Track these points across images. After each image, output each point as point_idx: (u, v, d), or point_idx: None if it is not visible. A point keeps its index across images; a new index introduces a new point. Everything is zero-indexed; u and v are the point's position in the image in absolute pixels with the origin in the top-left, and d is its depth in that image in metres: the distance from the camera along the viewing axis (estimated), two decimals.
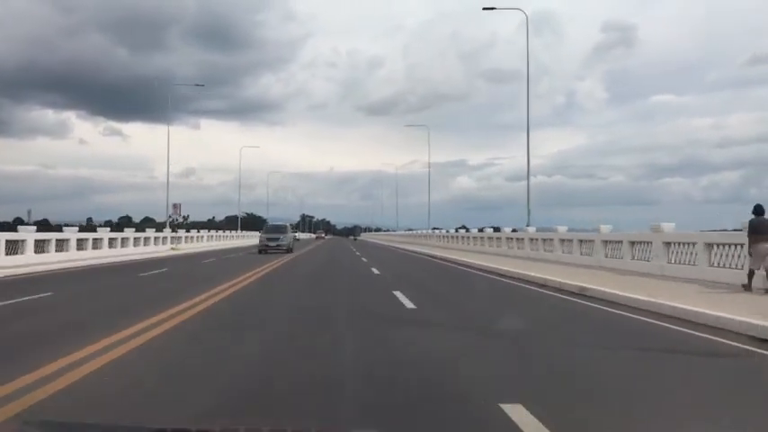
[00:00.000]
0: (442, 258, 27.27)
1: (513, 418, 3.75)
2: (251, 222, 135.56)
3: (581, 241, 20.97)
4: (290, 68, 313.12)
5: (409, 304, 10.40)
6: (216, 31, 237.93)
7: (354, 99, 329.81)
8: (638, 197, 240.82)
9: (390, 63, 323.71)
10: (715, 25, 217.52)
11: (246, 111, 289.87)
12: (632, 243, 17.34)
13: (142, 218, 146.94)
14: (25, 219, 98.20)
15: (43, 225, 64.20)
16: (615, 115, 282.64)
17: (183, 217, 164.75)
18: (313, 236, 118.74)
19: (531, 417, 3.76)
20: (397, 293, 11.88)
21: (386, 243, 66.00)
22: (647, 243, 16.31)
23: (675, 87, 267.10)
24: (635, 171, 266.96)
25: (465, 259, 24.52)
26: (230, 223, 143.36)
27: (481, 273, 19.09)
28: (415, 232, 70.28)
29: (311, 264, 23.78)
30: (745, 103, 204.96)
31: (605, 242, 19.13)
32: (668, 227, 15.77)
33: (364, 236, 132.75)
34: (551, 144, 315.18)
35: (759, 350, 6.39)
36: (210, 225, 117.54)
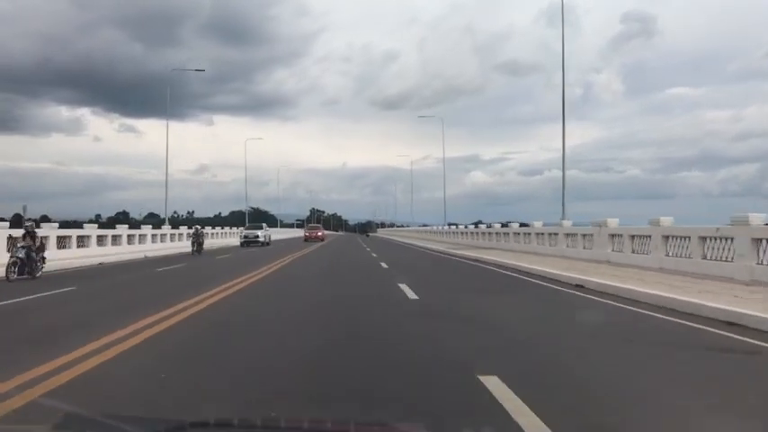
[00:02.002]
0: (475, 259, 22.36)
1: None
2: (258, 218, 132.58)
3: (632, 237, 17.31)
4: (304, 63, 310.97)
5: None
6: (229, 27, 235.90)
7: (368, 94, 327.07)
8: (654, 191, 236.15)
9: (404, 57, 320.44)
10: (734, 16, 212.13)
11: (260, 107, 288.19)
12: (702, 238, 13.64)
13: (146, 214, 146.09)
14: (22, 215, 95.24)
15: (43, 222, 60.59)
16: (631, 108, 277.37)
17: (189, 212, 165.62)
18: (302, 234, 65.55)
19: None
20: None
21: (404, 240, 53.78)
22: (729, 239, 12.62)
23: (693, 79, 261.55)
24: (651, 165, 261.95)
25: (507, 261, 19.79)
26: (236, 219, 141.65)
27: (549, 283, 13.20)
28: (430, 228, 67.87)
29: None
30: (764, 95, 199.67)
31: (666, 238, 15.28)
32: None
33: (380, 232, 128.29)
34: (568, 138, 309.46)
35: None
36: (216, 221, 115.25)
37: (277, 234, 71.30)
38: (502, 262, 19.23)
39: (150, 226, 34.30)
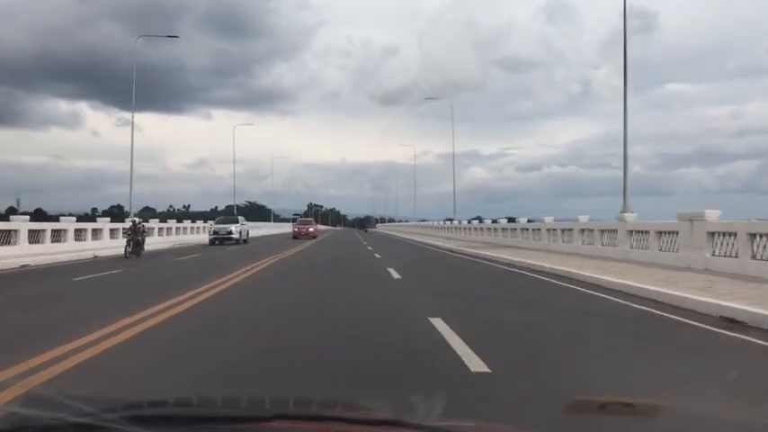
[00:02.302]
0: (494, 260, 18.39)
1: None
2: (254, 212, 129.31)
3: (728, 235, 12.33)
4: (303, 57, 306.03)
5: None
6: (228, 20, 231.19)
7: (367, 88, 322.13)
8: (653, 187, 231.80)
9: (404, 52, 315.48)
10: (735, 12, 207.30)
11: (258, 101, 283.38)
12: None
13: (142, 207, 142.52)
14: (16, 208, 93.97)
15: (37, 215, 60.97)
16: (631, 104, 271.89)
17: (184, 206, 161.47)
18: (289, 229, 57.20)
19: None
20: None
21: (408, 237, 48.51)
22: None
23: (693, 75, 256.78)
24: (650, 161, 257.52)
25: (531, 262, 15.95)
26: (231, 212, 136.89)
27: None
28: (431, 223, 65.56)
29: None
30: (764, 91, 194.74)
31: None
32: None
33: (379, 227, 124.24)
34: (566, 134, 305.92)
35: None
36: (212, 215, 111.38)
37: (266, 229, 65.29)
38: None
39: (108, 219, 28.79)
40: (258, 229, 61.61)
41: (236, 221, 34.29)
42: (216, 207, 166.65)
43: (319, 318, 7.65)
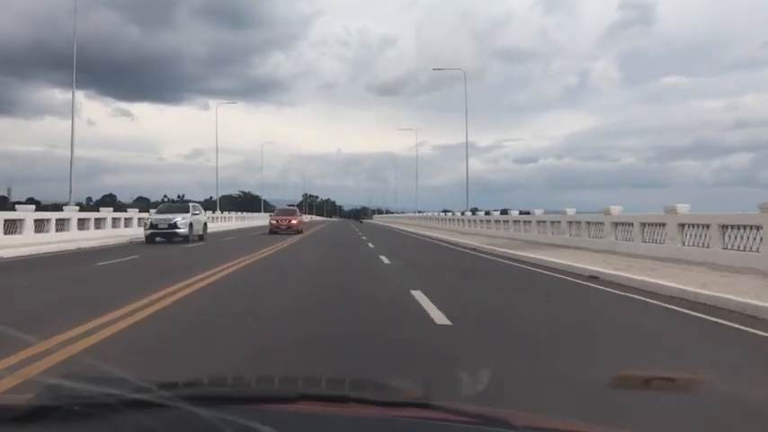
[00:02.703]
0: (533, 263, 14.69)
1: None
2: (248, 202, 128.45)
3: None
4: (300, 47, 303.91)
5: None
6: (225, 9, 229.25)
7: (364, 79, 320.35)
8: (649, 179, 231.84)
9: (402, 42, 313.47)
10: (734, 4, 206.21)
11: (255, 91, 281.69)
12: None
13: (136, 197, 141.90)
14: (7, 197, 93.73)
15: (30, 204, 61.34)
16: (628, 96, 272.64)
17: (179, 196, 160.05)
18: (266, 221, 41.96)
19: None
20: None
21: (411, 231, 42.85)
22: None
23: (691, 68, 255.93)
24: (646, 153, 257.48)
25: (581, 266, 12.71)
26: (225, 203, 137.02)
27: None
28: (424, 214, 64.69)
29: None
30: (761, 84, 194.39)
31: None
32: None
33: (376, 219, 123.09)
34: (562, 127, 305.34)
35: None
36: (205, 206, 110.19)
37: (255, 220, 60.97)
38: None
39: (77, 207, 26.25)
40: (244, 221, 57.64)
41: (186, 210, 25.47)
42: (211, 197, 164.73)
43: None
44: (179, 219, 24.24)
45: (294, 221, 34.38)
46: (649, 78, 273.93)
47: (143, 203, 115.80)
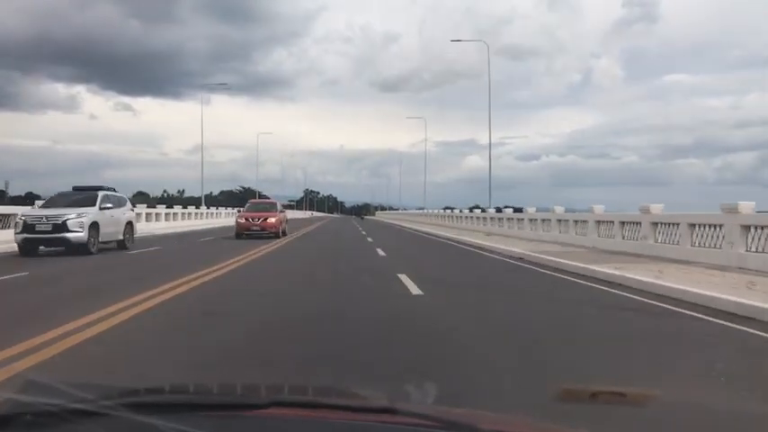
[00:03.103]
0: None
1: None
2: (248, 198, 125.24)
3: None
4: (303, 43, 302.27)
5: None
6: (229, 4, 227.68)
7: (367, 75, 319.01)
8: (651, 178, 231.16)
9: (405, 38, 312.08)
10: (738, 3, 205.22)
11: (258, 86, 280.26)
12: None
13: (136, 192, 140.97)
14: (5, 191, 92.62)
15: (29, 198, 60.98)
16: (631, 94, 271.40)
17: (179, 191, 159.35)
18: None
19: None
20: None
21: (411, 227, 42.11)
22: None
23: (694, 66, 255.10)
24: (649, 151, 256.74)
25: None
26: (225, 198, 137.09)
27: None
28: (426, 211, 63.59)
29: None
30: (765, 83, 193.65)
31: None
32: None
33: (378, 215, 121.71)
34: (565, 124, 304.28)
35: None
36: (205, 201, 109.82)
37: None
38: None
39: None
40: (231, 218, 51.64)
41: (90, 202, 16.98)
42: (211, 192, 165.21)
43: None
44: (72, 217, 15.73)
45: (272, 220, 24.76)
46: (652, 76, 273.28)
47: (143, 198, 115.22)
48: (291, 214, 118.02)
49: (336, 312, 7.37)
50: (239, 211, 28.52)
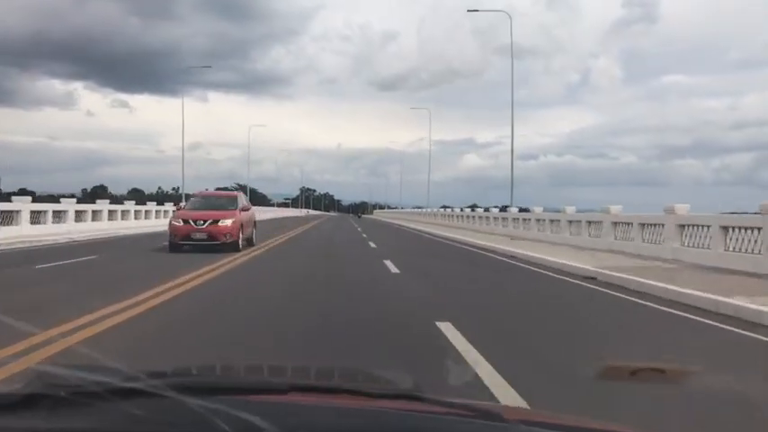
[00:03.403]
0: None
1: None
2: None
3: None
4: (301, 41, 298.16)
5: None
6: (228, 2, 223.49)
7: (365, 74, 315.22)
8: (649, 178, 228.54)
9: (403, 37, 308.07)
10: (737, 3, 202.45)
11: (255, 84, 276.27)
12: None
13: (131, 189, 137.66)
14: None
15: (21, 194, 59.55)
16: (629, 94, 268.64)
17: (173, 189, 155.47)
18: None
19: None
20: None
21: (415, 228, 39.35)
22: None
23: (692, 66, 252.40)
24: (647, 152, 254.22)
25: None
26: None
27: None
28: (424, 210, 63.46)
29: None
30: (762, 84, 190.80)
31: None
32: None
33: (376, 214, 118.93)
34: (563, 124, 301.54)
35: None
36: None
37: None
38: None
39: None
40: None
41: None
42: (206, 189, 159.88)
43: None
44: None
45: (226, 223, 16.62)
46: (651, 76, 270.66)
47: (137, 195, 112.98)
48: (286, 212, 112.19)
49: None
50: (178, 208, 20.12)
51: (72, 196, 33.81)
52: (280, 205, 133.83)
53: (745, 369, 4.97)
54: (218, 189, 28.32)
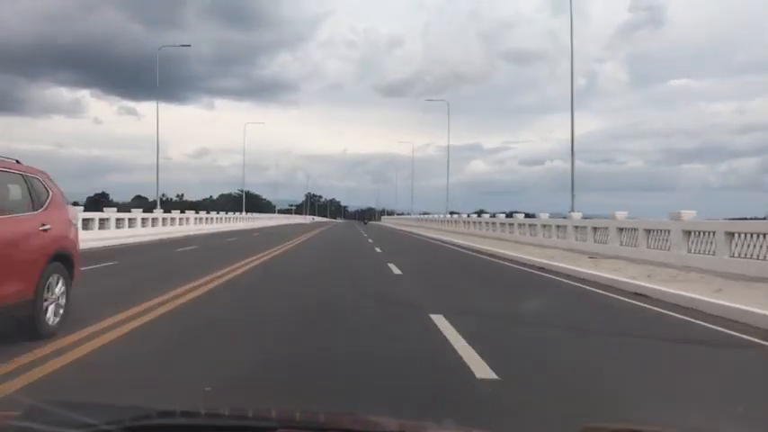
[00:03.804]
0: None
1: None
2: (248, 202, 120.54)
3: None
4: (307, 48, 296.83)
5: None
6: (233, 8, 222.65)
7: (370, 80, 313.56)
8: (656, 183, 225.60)
9: (409, 43, 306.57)
10: (744, 5, 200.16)
11: (261, 91, 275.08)
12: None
13: (134, 196, 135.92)
14: None
15: None
16: (636, 99, 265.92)
17: (178, 195, 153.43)
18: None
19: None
20: None
21: (438, 238, 33.30)
22: None
23: (699, 70, 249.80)
24: (653, 156, 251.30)
25: None
26: (225, 201, 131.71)
27: None
28: (431, 216, 63.00)
29: None
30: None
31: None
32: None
33: (385, 220, 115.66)
34: (569, 129, 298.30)
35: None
36: (203, 205, 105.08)
37: (227, 224, 51.14)
38: None
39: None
40: (211, 224, 44.93)
41: None
42: (210, 196, 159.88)
43: None
44: None
45: None
46: (658, 80, 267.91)
47: (140, 202, 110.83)
48: (289, 220, 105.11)
49: None
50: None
51: (75, 203, 31.56)
52: (282, 212, 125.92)
53: None
54: (221, 196, 26.55)
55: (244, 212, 64.14)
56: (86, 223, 24.41)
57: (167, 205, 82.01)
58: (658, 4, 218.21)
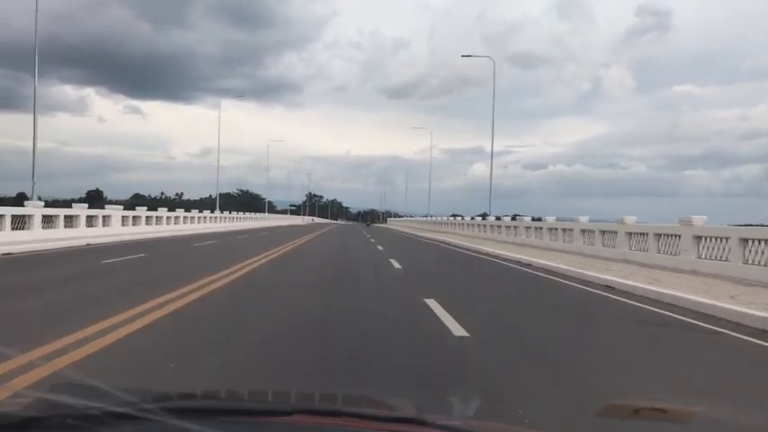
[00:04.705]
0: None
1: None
2: (245, 202, 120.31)
3: None
4: (313, 49, 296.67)
5: None
6: (240, 9, 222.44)
7: (375, 82, 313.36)
8: (659, 188, 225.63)
9: (414, 45, 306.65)
10: (749, 13, 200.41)
11: (267, 92, 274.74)
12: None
13: (132, 194, 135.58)
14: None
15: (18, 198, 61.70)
16: (640, 104, 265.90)
17: (177, 194, 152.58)
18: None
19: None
20: None
21: (460, 244, 29.23)
22: None
23: (704, 77, 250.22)
24: (657, 162, 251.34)
25: None
26: (222, 201, 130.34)
27: None
28: (435, 219, 63.31)
29: None
30: None
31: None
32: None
33: (391, 222, 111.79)
34: (573, 133, 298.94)
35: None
36: (201, 204, 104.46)
37: (222, 223, 49.42)
38: None
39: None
40: (204, 224, 43.43)
41: None
42: (210, 195, 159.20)
43: None
44: None
45: None
46: (662, 86, 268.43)
47: (138, 201, 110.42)
48: (283, 221, 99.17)
49: None
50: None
51: (72, 201, 31.21)
52: (280, 212, 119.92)
53: None
54: (221, 196, 27.40)
55: (218, 211, 54.90)
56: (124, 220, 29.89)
57: (166, 204, 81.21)
58: (664, 10, 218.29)
